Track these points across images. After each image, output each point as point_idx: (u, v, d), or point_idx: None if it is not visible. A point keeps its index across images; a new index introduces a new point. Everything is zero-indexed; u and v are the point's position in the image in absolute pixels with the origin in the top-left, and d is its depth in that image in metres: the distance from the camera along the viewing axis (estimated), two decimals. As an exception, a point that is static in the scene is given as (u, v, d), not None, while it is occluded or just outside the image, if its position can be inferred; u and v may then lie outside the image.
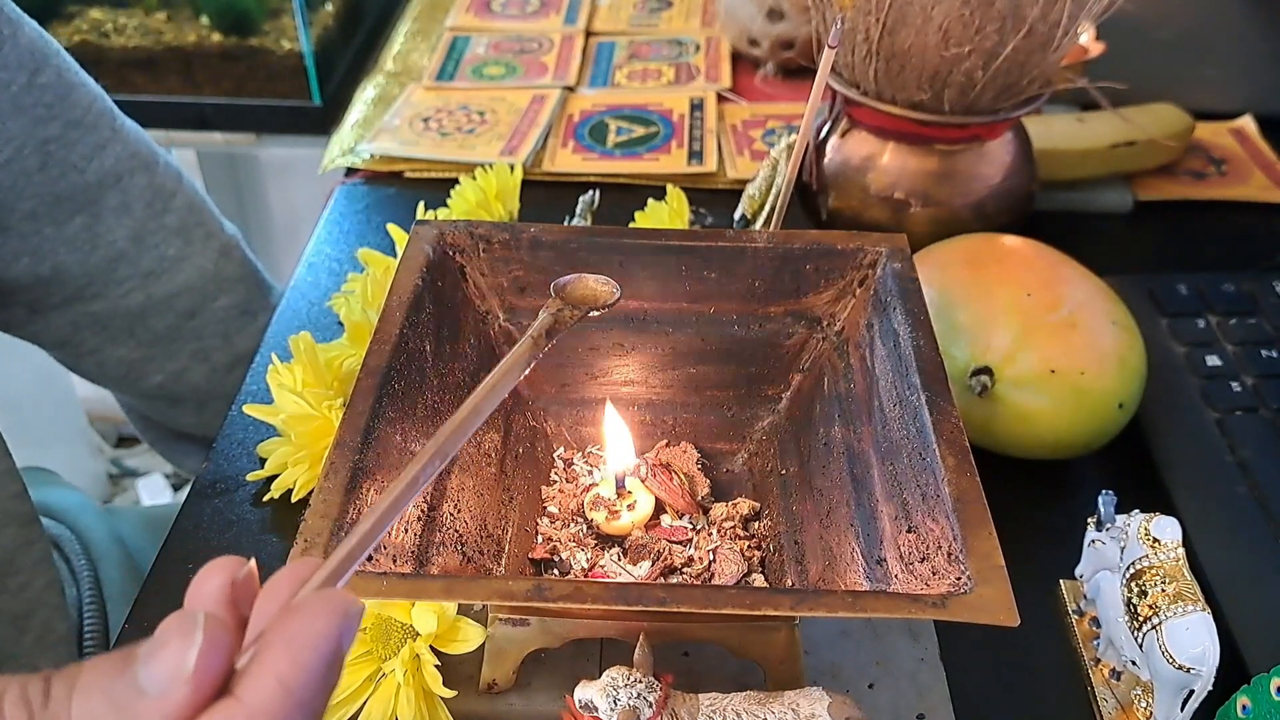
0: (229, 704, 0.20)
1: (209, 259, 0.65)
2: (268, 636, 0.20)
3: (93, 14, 0.86)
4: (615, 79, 0.85)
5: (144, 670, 0.20)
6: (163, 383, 0.66)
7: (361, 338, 0.52)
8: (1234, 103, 0.79)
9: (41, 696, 0.20)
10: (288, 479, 0.49)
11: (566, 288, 0.33)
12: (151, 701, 0.20)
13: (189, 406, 0.69)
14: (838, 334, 0.47)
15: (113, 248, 0.60)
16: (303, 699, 0.20)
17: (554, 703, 0.41)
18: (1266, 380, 0.54)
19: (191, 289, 0.64)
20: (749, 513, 0.46)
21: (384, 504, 0.25)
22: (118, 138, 0.60)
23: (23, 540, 0.54)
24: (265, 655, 0.20)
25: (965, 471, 0.35)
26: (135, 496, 1.44)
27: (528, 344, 0.31)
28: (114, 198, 0.60)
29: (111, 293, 0.62)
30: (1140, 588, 0.38)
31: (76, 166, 0.58)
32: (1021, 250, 0.52)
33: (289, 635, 0.20)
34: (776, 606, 0.33)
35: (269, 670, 0.20)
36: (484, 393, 0.29)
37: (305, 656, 0.20)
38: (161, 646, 0.20)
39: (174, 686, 0.20)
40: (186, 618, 0.20)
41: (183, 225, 0.64)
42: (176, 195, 0.63)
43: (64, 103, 0.57)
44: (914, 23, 0.53)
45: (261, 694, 0.20)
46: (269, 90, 0.85)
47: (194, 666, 0.20)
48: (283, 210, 1.35)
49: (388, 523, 0.25)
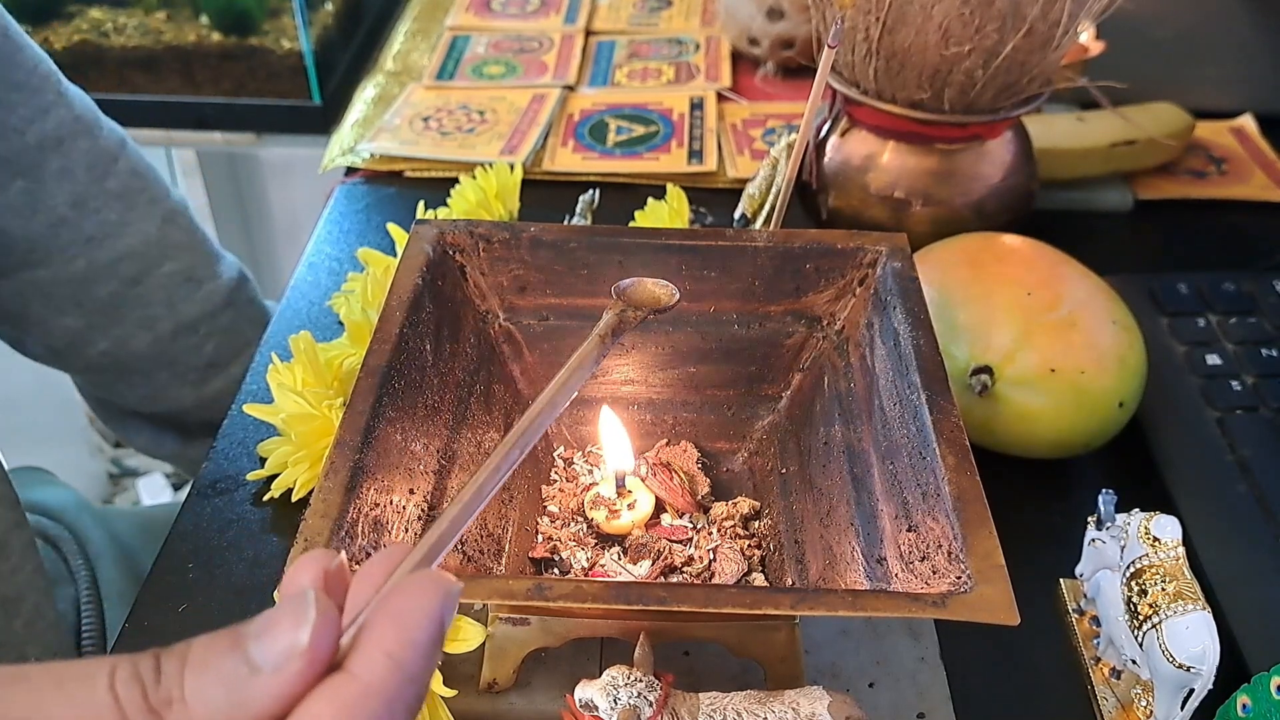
0: (342, 678, 0.20)
1: (152, 224, 0.65)
2: (374, 615, 0.21)
3: (92, 14, 0.85)
4: (615, 78, 0.85)
5: (256, 647, 0.20)
6: (107, 350, 0.66)
7: (361, 337, 0.52)
8: (1234, 102, 0.79)
9: (153, 674, 0.20)
10: (288, 478, 0.49)
11: (628, 290, 0.34)
12: (266, 678, 0.20)
13: (136, 378, 0.68)
14: (838, 333, 0.47)
15: (54, 213, 0.60)
16: (411, 673, 0.20)
17: (554, 702, 0.41)
18: (1266, 379, 0.54)
19: (134, 254, 0.64)
20: (749, 512, 0.46)
21: (469, 493, 0.26)
22: (61, 102, 0.60)
23: (10, 523, 0.53)
24: (374, 631, 0.21)
25: (965, 470, 0.35)
26: (135, 496, 1.44)
27: (595, 341, 0.31)
28: (55, 161, 0.59)
29: (54, 259, 0.61)
30: (1140, 587, 0.38)
31: (17, 129, 0.57)
32: (1021, 249, 0.52)
33: (396, 612, 0.21)
34: (777, 605, 0.33)
35: (378, 646, 0.20)
36: (556, 388, 0.29)
37: (412, 632, 0.21)
38: (273, 625, 0.21)
39: (289, 662, 0.20)
40: (296, 599, 0.21)
41: (125, 190, 0.63)
42: (119, 160, 0.63)
43: (6, 64, 0.57)
44: (914, 22, 0.53)
45: (373, 668, 0.20)
46: (269, 90, 0.85)
47: (308, 642, 0.20)
48: (283, 210, 1.35)
49: (475, 509, 0.26)
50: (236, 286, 0.70)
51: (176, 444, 0.75)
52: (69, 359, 0.68)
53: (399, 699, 0.20)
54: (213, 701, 0.20)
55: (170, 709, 0.20)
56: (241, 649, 0.21)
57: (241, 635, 0.21)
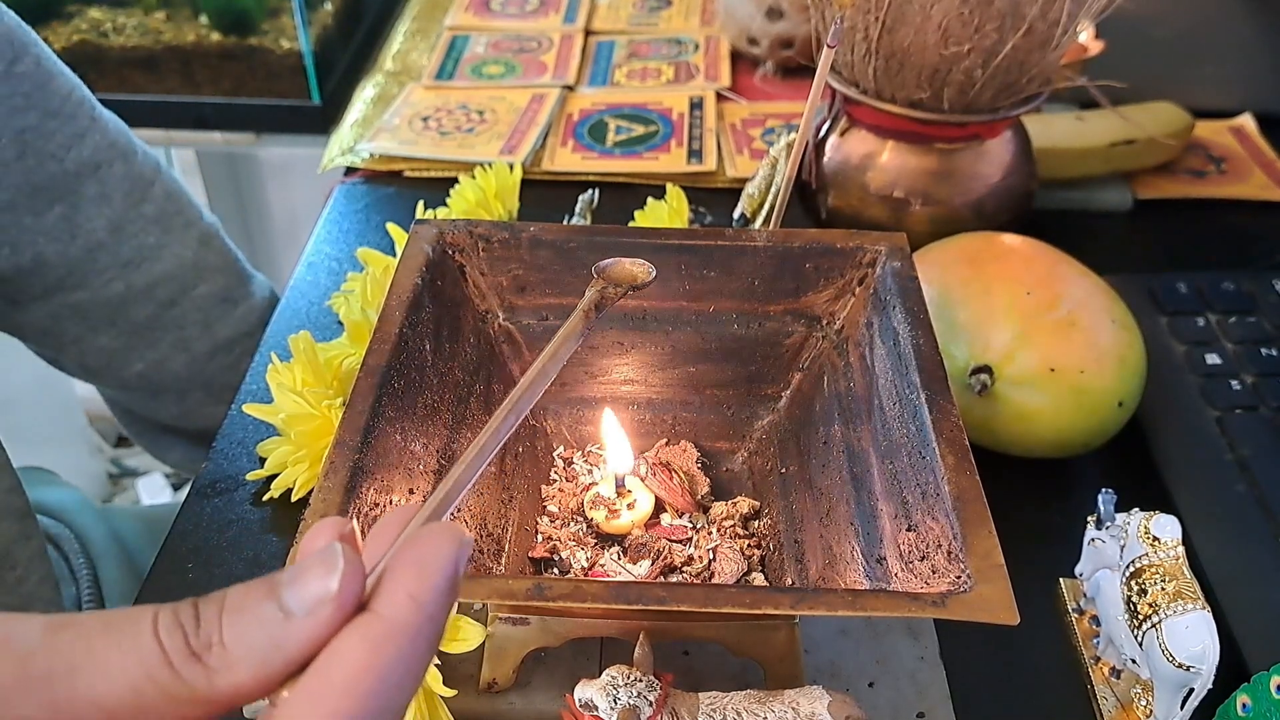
0: (369, 617, 0.22)
1: (188, 247, 0.65)
2: (394, 561, 0.23)
3: (92, 14, 0.85)
4: (614, 78, 0.85)
5: (289, 593, 0.22)
6: (143, 372, 0.66)
7: (361, 337, 0.52)
8: (1233, 101, 0.79)
9: (193, 621, 0.22)
10: (287, 478, 0.49)
11: (608, 269, 0.36)
12: (299, 621, 0.22)
13: (170, 397, 0.69)
14: (837, 333, 0.47)
15: (92, 237, 0.61)
16: (431, 614, 0.22)
17: (554, 702, 0.41)
18: (1266, 379, 0.54)
19: (171, 277, 0.64)
20: (749, 511, 0.46)
21: (471, 453, 0.27)
22: (96, 127, 0.60)
23: (19, 534, 0.54)
24: (396, 576, 0.22)
25: (965, 470, 0.35)
26: (135, 496, 1.44)
27: (579, 316, 0.33)
28: (92, 187, 0.60)
29: (92, 282, 0.62)
30: (1140, 586, 0.38)
31: (54, 155, 0.58)
32: (1021, 249, 0.52)
33: (416, 558, 0.22)
34: (776, 605, 0.33)
35: (401, 587, 0.22)
36: (546, 357, 0.31)
37: (432, 576, 0.22)
38: (305, 573, 0.22)
39: (320, 607, 0.22)
40: (324, 551, 0.22)
41: (161, 214, 0.64)
42: (155, 184, 0.63)
43: (42, 92, 0.57)
44: (913, 21, 0.53)
45: (396, 608, 0.22)
46: (268, 90, 0.85)
47: (338, 588, 0.22)
48: (282, 210, 1.35)
49: (478, 468, 0.27)
50: (269, 306, 0.70)
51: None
52: (104, 377, 0.68)
53: (421, 635, 0.22)
54: (249, 644, 0.21)
55: (210, 652, 0.21)
56: (276, 596, 0.22)
57: (275, 583, 0.22)
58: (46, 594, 0.56)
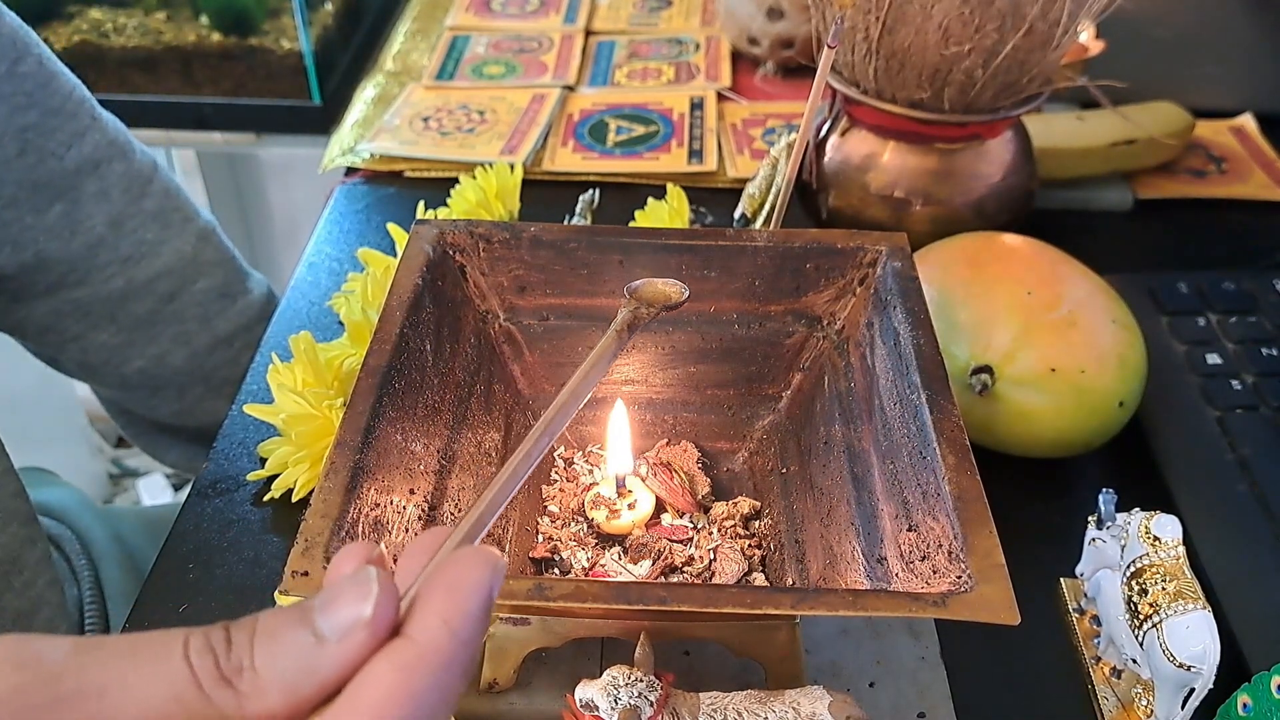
0: (402, 643, 0.22)
1: (187, 243, 0.65)
2: (427, 586, 0.22)
3: (92, 14, 0.86)
4: (615, 78, 0.85)
5: (323, 619, 0.22)
6: (144, 368, 0.67)
7: (361, 337, 0.52)
8: (1234, 101, 0.79)
9: (224, 644, 0.22)
10: (288, 479, 0.49)
11: (639, 290, 0.36)
12: (332, 646, 0.21)
13: (170, 393, 0.69)
14: (838, 333, 0.47)
15: (92, 234, 0.61)
16: (465, 639, 0.22)
17: (555, 702, 0.41)
18: (1266, 378, 0.54)
19: (170, 273, 0.65)
20: (749, 512, 0.46)
21: (503, 477, 0.27)
22: (96, 126, 0.61)
23: (25, 538, 0.54)
24: (428, 601, 0.22)
25: (965, 470, 0.35)
26: (135, 496, 1.44)
27: (612, 336, 0.33)
28: (92, 184, 0.60)
29: (93, 279, 0.62)
30: (1141, 586, 0.38)
31: (55, 154, 0.58)
32: (1021, 249, 0.52)
33: (449, 583, 0.22)
34: (777, 605, 0.33)
35: (434, 613, 0.22)
36: (579, 379, 0.31)
37: (465, 600, 0.22)
38: (338, 598, 0.22)
39: (353, 632, 0.22)
40: (358, 575, 0.22)
41: (160, 210, 0.64)
42: (153, 181, 0.64)
43: (43, 91, 0.57)
44: (914, 21, 0.53)
45: (430, 633, 0.22)
46: (269, 90, 0.85)
47: (371, 614, 0.22)
48: (283, 210, 1.35)
49: (509, 492, 0.27)
50: (268, 301, 0.71)
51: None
52: (104, 375, 0.68)
53: (455, 661, 0.22)
54: (281, 669, 0.21)
55: (241, 676, 0.21)
56: (309, 621, 0.22)
57: (308, 608, 0.22)
58: (53, 597, 0.56)
